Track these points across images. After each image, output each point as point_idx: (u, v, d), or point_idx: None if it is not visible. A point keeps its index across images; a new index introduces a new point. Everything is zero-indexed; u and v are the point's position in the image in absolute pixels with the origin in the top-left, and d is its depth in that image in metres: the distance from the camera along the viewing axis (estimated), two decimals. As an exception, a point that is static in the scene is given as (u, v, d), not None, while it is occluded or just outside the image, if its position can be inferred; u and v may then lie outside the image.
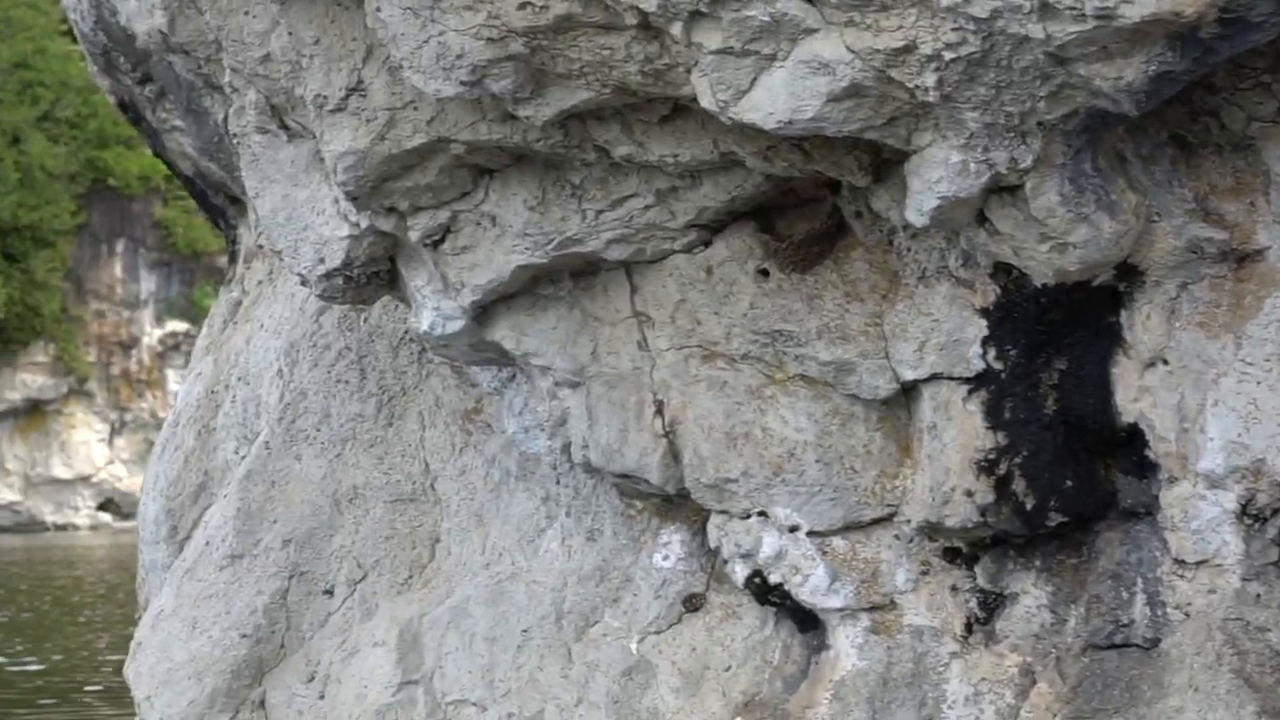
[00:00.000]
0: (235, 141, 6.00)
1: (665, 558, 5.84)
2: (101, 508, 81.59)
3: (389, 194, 5.55)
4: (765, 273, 5.46)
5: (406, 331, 6.50)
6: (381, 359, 6.53)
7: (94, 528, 79.54)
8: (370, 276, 5.82)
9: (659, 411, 5.60)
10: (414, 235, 5.64)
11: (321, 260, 5.79)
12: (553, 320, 5.70)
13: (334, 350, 6.62)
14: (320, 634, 6.42)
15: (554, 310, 5.70)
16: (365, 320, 6.60)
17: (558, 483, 6.07)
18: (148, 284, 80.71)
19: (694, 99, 4.99)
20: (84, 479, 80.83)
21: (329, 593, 6.45)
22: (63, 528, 79.73)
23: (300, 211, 5.82)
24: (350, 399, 6.55)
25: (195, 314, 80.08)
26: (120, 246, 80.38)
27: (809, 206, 5.45)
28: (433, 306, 5.75)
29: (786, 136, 4.92)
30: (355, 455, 6.50)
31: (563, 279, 5.70)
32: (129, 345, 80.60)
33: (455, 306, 5.72)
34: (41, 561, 50.04)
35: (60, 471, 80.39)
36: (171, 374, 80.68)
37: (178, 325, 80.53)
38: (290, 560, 6.49)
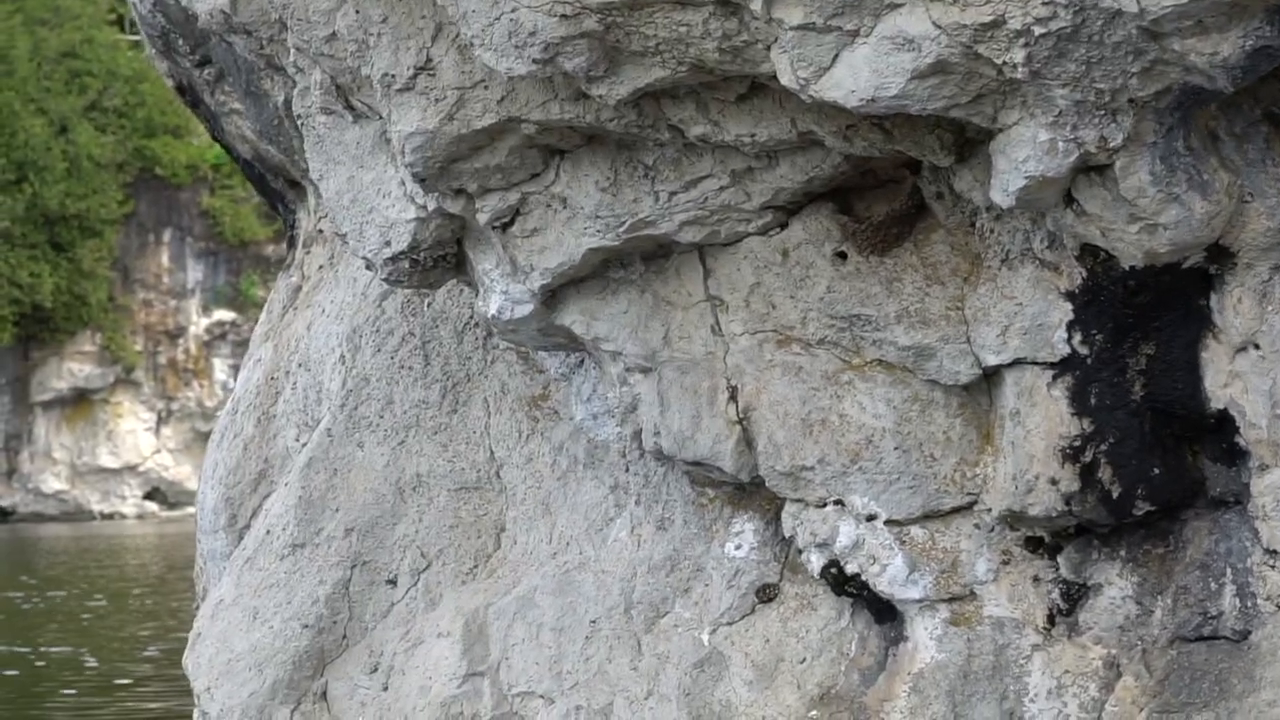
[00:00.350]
0: (299, 123, 5.89)
1: (738, 547, 5.72)
2: (148, 497, 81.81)
3: (457, 175, 5.43)
4: (843, 255, 5.33)
5: (471, 316, 6.39)
6: (446, 344, 6.42)
7: (140, 517, 79.75)
8: (437, 260, 5.71)
9: (732, 398, 5.48)
10: (482, 218, 5.52)
11: (387, 243, 5.68)
12: (623, 304, 5.58)
13: (397, 336, 6.51)
14: (383, 624, 6.31)
15: (625, 294, 5.58)
16: (429, 305, 6.48)
17: (627, 470, 5.94)
18: (194, 273, 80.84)
19: (772, 77, 4.86)
20: (131, 468, 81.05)
21: (392, 582, 6.34)
22: (109, 517, 79.96)
23: (365, 194, 5.71)
24: (414, 385, 6.44)
25: (242, 303, 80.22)
26: (167, 235, 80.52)
27: (888, 187, 5.32)
28: (501, 290, 5.63)
29: (868, 115, 4.79)
30: (419, 442, 6.39)
31: (634, 262, 5.58)
32: (176, 334, 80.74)
33: (524, 290, 5.60)
34: (88, 550, 50.16)
35: (107, 461, 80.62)
36: (218, 363, 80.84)
37: (224, 314, 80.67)
38: (353, 549, 6.39)
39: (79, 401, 79.63)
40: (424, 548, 6.30)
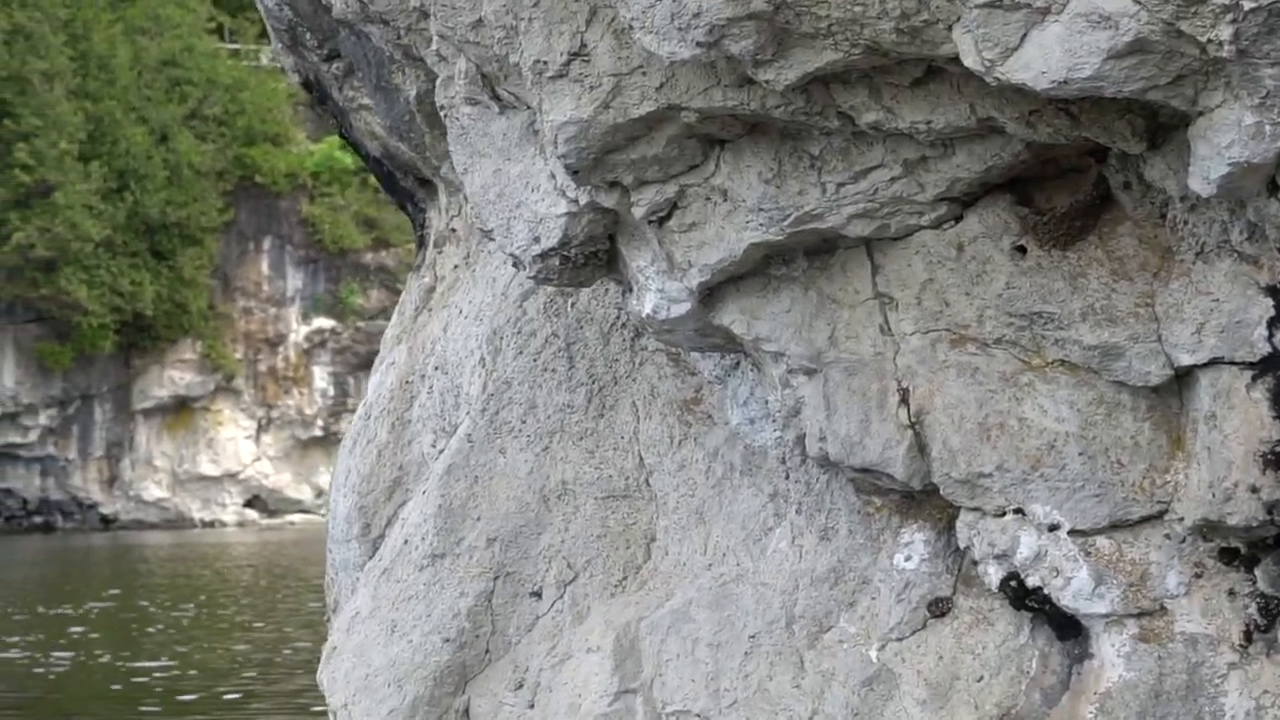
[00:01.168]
0: (442, 114, 5.64)
1: (907, 558, 5.41)
2: (248, 504, 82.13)
3: (612, 167, 5.17)
4: (1022, 249, 5.03)
5: (618, 316, 6.12)
6: (591, 346, 6.15)
7: (240, 524, 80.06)
8: (588, 257, 5.44)
9: (904, 400, 5.18)
10: (638, 211, 5.25)
11: (536, 239, 5.42)
12: (786, 302, 5.29)
13: (540, 337, 6.24)
14: (528, 638, 6.05)
15: (787, 292, 5.30)
16: (573, 305, 6.22)
17: (787, 478, 5.65)
18: (294, 281, 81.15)
19: (952, 59, 4.57)
20: (231, 476, 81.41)
21: (537, 594, 6.07)
22: (210, 524, 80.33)
23: (513, 187, 5.45)
24: (558, 389, 6.17)
25: (341, 311, 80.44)
26: (267, 243, 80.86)
27: (1071, 177, 5.01)
28: (656, 288, 5.36)
29: (1057, 98, 4.49)
30: (564, 448, 6.12)
31: (796, 258, 5.29)
32: (275, 342, 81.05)
33: (681, 288, 5.33)
34: (187, 558, 50.26)
35: (207, 468, 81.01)
36: (318, 371, 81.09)
37: (324, 322, 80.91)
38: (495, 560, 6.13)
39: (180, 409, 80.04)
40: (570, 558, 6.03)
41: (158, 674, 21.23)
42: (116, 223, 75.79)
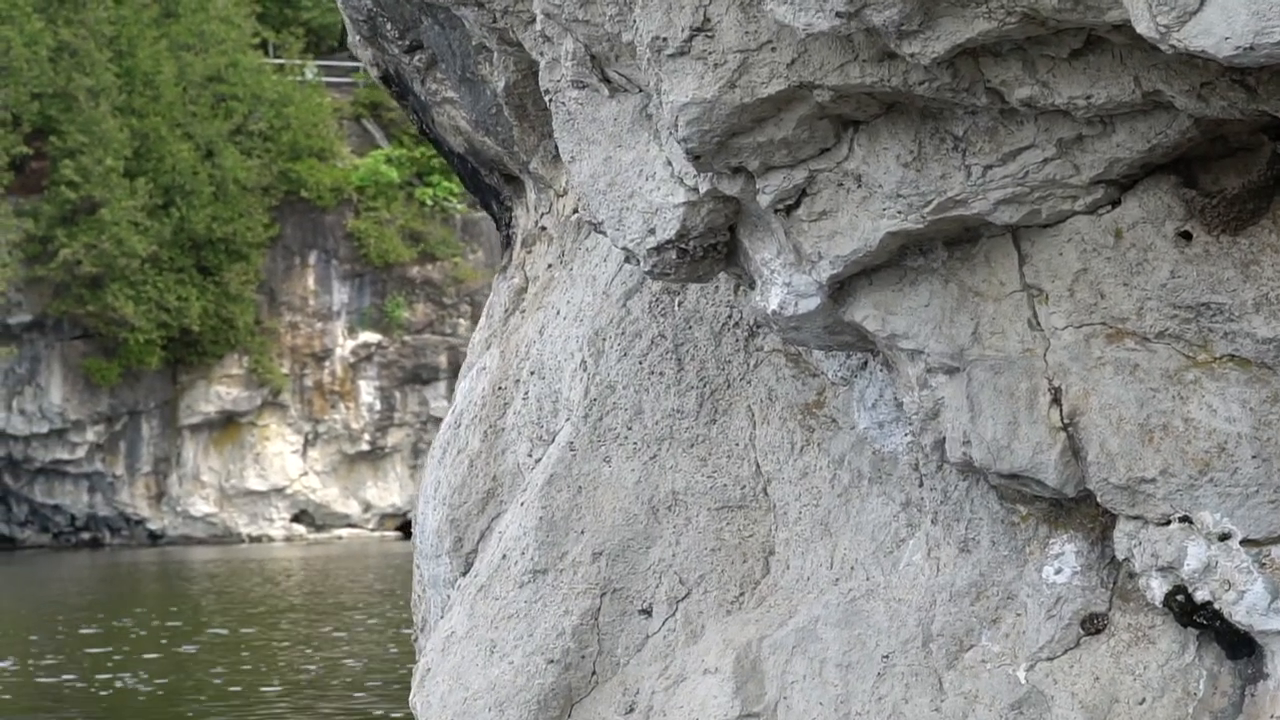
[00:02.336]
0: (547, 99, 5.26)
1: (1058, 571, 5.01)
2: (295, 519, 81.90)
3: (736, 151, 4.79)
4: (1187, 235, 4.63)
5: (730, 315, 5.74)
6: (701, 347, 5.77)
7: (288, 539, 79.85)
8: (708, 250, 5.06)
9: (1055, 400, 4.78)
10: (764, 200, 4.87)
11: (651, 231, 5.04)
12: (924, 296, 4.90)
13: (646, 338, 5.86)
14: (638, 659, 5.66)
15: (925, 285, 4.91)
16: (680, 304, 5.84)
17: (920, 485, 5.26)
18: (340, 295, 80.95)
19: (1117, 26, 4.18)
20: (278, 490, 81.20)
21: (646, 612, 5.69)
22: (257, 539, 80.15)
23: (625, 176, 5.07)
24: (666, 393, 5.79)
25: (387, 325, 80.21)
26: (313, 258, 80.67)
27: (1242, 155, 4.61)
28: (783, 282, 4.98)
29: (1240, 67, 4.09)
30: (674, 456, 5.74)
31: (934, 248, 4.91)
32: (322, 357, 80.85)
33: (810, 282, 4.94)
34: (237, 573, 50.03)
35: (255, 483, 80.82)
36: (364, 385, 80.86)
37: (370, 336, 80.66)
38: (601, 576, 5.74)
39: (227, 424, 79.88)
40: (682, 573, 5.64)
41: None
42: (163, 239, 75.73)
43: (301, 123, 79.14)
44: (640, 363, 5.85)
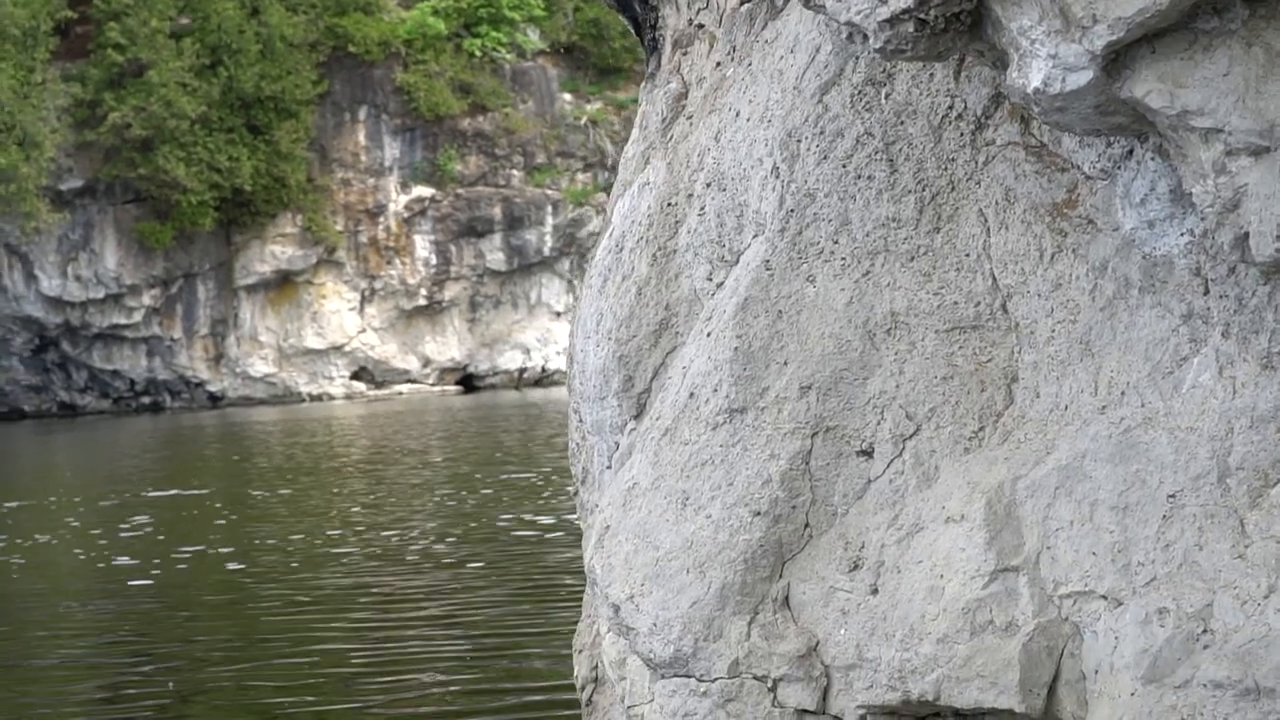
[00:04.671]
0: None
1: (1388, 387, 4.20)
2: (355, 377, 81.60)
3: (997, -108, 3.94)
4: None
5: (951, 105, 4.90)
6: (918, 144, 4.94)
7: (348, 397, 79.60)
8: (949, 20, 4.22)
9: (1394, 181, 3.95)
10: (1029, -49, 4.02)
11: (884, 0, 4.21)
12: (1222, 64, 4.05)
13: (849, 137, 5.04)
14: (859, 507, 4.88)
15: (1223, 50, 4.06)
16: (888, 96, 5.00)
17: (1206, 292, 4.43)
18: (391, 150, 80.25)
19: None
20: (337, 348, 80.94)
21: (866, 453, 4.90)
22: (317, 398, 79.96)
23: (850, -66, 4.23)
24: (878, 199, 4.97)
25: (440, 178, 79.42)
26: (363, 114, 79.89)
27: None
28: (1047, 55, 4.13)
29: None
30: (890, 272, 4.93)
31: (1232, 7, 4.05)
32: (376, 213, 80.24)
33: (1080, 53, 4.10)
34: (298, 432, 49.58)
35: (313, 342, 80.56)
36: (419, 240, 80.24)
37: (423, 190, 79.96)
38: (811, 412, 4.95)
39: (283, 284, 79.48)
40: (908, 407, 4.84)
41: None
42: (211, 99, 75.01)
43: (347, -25, 78.16)
44: (844, 166, 5.02)
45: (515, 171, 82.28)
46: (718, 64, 5.74)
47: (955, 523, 4.62)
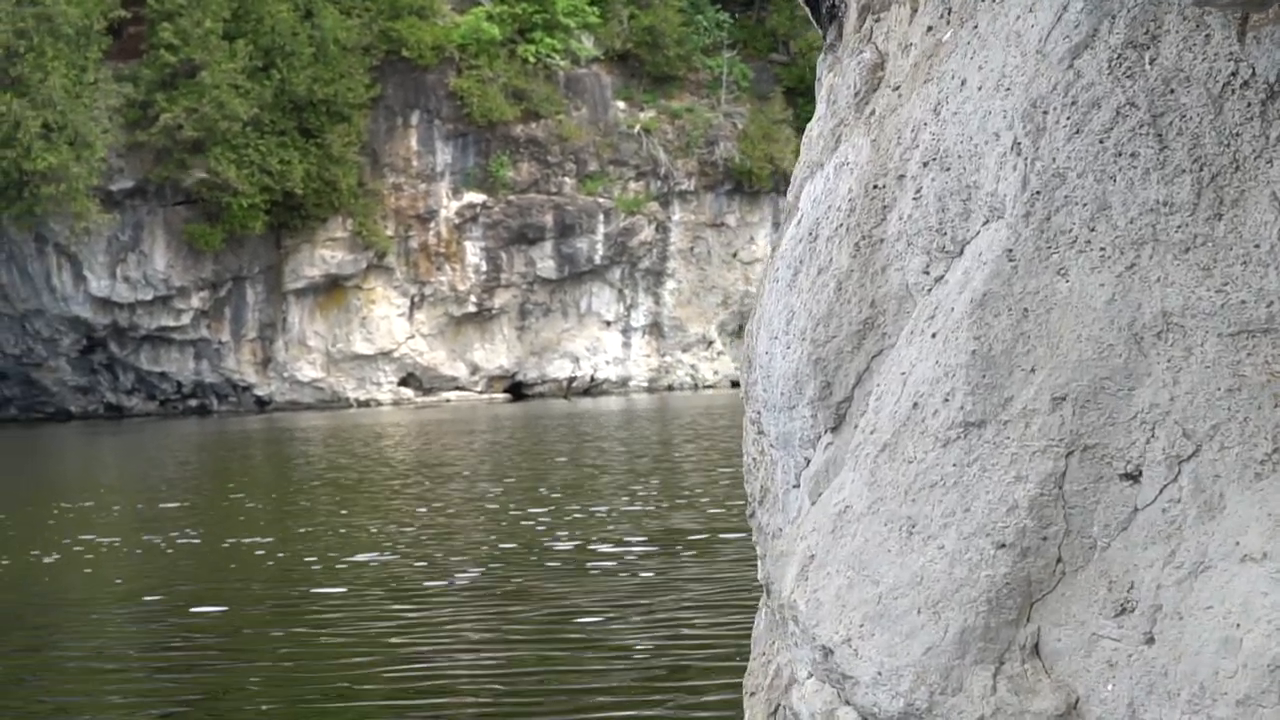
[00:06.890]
0: None
1: None
2: (403, 383, 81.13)
3: None
4: None
5: (1235, 71, 4.16)
6: (1193, 117, 4.20)
7: (396, 403, 79.12)
8: (1281, -43, 3.50)
9: None
10: None
11: (1204, -68, 3.48)
12: None
13: (1107, 108, 4.30)
14: (1124, 540, 4.14)
15: None
16: (1154, 61, 4.27)
17: None
18: (443, 155, 79.83)
19: None
20: (385, 354, 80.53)
21: (1132, 476, 4.16)
22: (365, 404, 79.51)
23: None
24: (1144, 180, 4.23)
25: (492, 184, 78.92)
26: (415, 118, 79.51)
27: None
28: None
29: None
30: (1161, 265, 4.19)
31: None
32: (426, 218, 79.83)
33: None
34: (349, 439, 49.02)
35: (361, 347, 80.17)
36: (469, 246, 79.73)
37: (474, 196, 79.53)
38: (1066, 428, 4.22)
39: (332, 289, 79.08)
40: (1185, 423, 4.11)
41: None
42: (263, 101, 74.69)
43: (401, -21, 77.87)
44: (1102, 141, 4.29)
45: (567, 179, 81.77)
46: (929, 28, 5.02)
47: (1255, 562, 3.88)
